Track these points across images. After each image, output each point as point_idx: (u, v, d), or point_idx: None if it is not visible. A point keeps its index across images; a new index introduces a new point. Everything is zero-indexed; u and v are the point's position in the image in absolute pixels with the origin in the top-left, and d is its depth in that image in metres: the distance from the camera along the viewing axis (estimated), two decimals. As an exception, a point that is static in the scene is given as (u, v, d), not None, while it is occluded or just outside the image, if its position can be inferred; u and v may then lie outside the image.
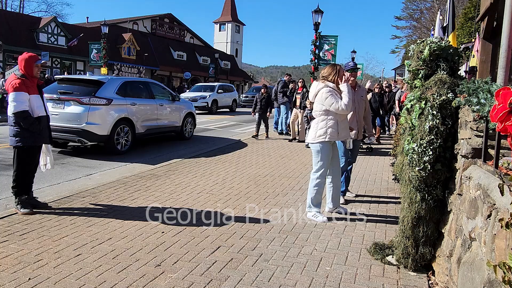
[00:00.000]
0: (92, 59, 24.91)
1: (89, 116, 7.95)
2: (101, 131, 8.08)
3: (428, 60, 3.44)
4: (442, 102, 3.17)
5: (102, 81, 8.53)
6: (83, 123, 7.92)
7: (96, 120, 8.01)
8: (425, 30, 35.32)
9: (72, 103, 8.04)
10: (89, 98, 8.03)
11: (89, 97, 8.05)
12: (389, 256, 3.54)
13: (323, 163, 4.56)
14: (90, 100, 8.02)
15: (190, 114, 11.26)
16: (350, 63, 5.53)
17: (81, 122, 7.92)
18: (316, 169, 4.60)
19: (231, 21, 61.57)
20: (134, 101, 8.97)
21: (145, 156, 8.69)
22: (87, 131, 7.94)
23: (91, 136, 8.02)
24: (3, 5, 40.91)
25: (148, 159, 8.29)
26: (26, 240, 3.76)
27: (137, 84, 9.69)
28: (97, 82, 8.53)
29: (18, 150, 4.53)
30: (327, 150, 4.56)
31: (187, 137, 11.19)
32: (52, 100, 7.97)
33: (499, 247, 1.92)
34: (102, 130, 8.09)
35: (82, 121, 7.92)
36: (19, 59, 4.54)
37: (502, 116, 1.82)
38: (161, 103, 9.94)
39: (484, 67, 5.85)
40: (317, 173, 4.59)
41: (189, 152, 9.13)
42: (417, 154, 3.22)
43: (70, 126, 7.92)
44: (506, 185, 1.86)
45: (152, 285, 3.01)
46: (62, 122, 7.92)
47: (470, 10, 22.01)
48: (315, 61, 16.05)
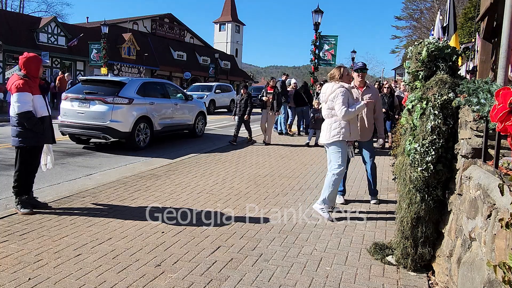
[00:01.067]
0: (92, 59, 24.90)
1: (112, 114, 8.59)
2: (123, 128, 8.70)
3: (427, 61, 3.45)
4: (443, 102, 3.17)
5: (124, 82, 9.17)
6: (107, 120, 8.57)
7: (119, 118, 8.65)
8: (425, 30, 35.32)
9: (97, 102, 8.70)
10: (113, 98, 8.66)
11: (113, 96, 8.68)
12: (389, 256, 3.54)
13: (342, 162, 4.72)
14: (113, 100, 8.65)
15: (202, 113, 11.96)
16: (359, 63, 5.45)
17: (105, 120, 8.57)
18: (337, 167, 4.70)
19: (231, 21, 61.56)
20: (152, 100, 9.62)
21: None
22: (111, 128, 8.58)
23: (115, 133, 8.65)
24: (3, 5, 40.94)
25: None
26: (26, 240, 3.76)
27: (155, 85, 10.38)
28: (119, 83, 9.16)
29: (21, 150, 4.52)
30: (345, 148, 4.74)
31: (198, 134, 11.89)
32: (78, 100, 8.81)
33: (499, 247, 1.92)
34: (124, 127, 8.71)
35: (106, 119, 8.57)
36: (23, 59, 4.51)
37: (502, 116, 1.82)
38: (176, 103, 10.63)
39: (484, 67, 5.85)
40: (337, 170, 4.69)
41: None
42: (419, 154, 3.22)
43: (95, 123, 8.60)
44: (506, 185, 1.86)
45: (152, 285, 3.01)
46: (88, 120, 8.66)
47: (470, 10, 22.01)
48: (315, 61, 16.06)
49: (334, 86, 4.74)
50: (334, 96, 4.66)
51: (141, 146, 9.21)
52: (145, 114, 9.25)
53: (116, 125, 8.61)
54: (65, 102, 9.13)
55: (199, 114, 11.77)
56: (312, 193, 5.75)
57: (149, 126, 9.44)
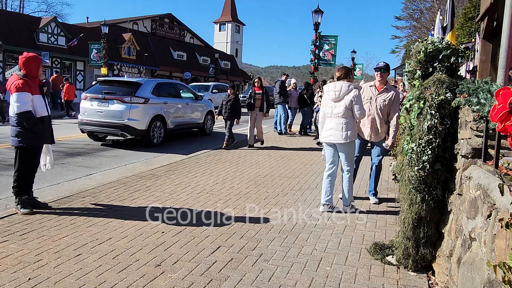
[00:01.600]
0: (92, 59, 24.90)
1: (130, 113, 9.16)
2: (140, 126, 9.29)
3: (423, 61, 3.47)
4: (440, 102, 3.18)
5: (140, 83, 9.74)
6: (125, 119, 9.13)
7: (136, 117, 9.22)
8: (425, 30, 35.30)
9: (116, 101, 9.25)
10: (130, 98, 9.21)
11: (130, 96, 9.23)
12: (389, 256, 3.53)
13: (354, 160, 4.98)
14: (131, 99, 9.20)
15: (210, 112, 12.47)
16: (381, 62, 5.26)
17: (123, 118, 9.13)
18: (351, 165, 4.90)
19: (231, 21, 61.55)
20: (165, 100, 10.20)
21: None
22: (129, 126, 9.15)
23: (132, 130, 9.23)
24: (3, 5, 40.94)
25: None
26: (26, 240, 3.76)
27: (168, 85, 10.97)
28: (135, 83, 9.74)
29: (21, 150, 4.52)
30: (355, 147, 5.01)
31: (207, 133, 12.41)
32: (97, 99, 9.38)
33: (499, 247, 1.92)
34: (141, 125, 9.30)
35: (124, 117, 9.13)
36: (23, 59, 4.51)
37: (502, 116, 1.82)
38: (187, 102, 11.19)
39: (484, 67, 5.85)
40: (352, 169, 4.92)
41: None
42: (416, 153, 3.23)
43: (113, 121, 9.17)
44: (506, 185, 1.86)
45: (152, 285, 3.01)
46: (107, 118, 9.22)
47: (470, 10, 22.00)
48: (315, 61, 16.07)
49: (350, 86, 4.70)
50: (353, 96, 4.63)
51: (155, 143, 9.75)
52: (159, 113, 9.75)
53: (133, 123, 9.18)
54: (84, 102, 9.64)
55: (208, 113, 12.30)
56: (312, 193, 5.75)
57: (163, 124, 9.96)
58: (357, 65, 32.21)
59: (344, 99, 4.67)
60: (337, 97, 4.71)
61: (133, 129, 9.21)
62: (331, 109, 4.79)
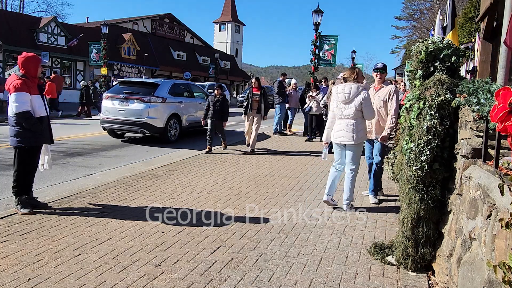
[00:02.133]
0: (92, 59, 24.91)
1: (149, 112, 9.83)
2: (158, 124, 9.95)
3: (425, 61, 3.47)
4: (440, 102, 3.18)
5: (158, 83, 10.46)
6: (144, 117, 9.78)
7: (154, 115, 9.88)
8: (425, 30, 35.30)
9: (136, 101, 9.95)
10: (149, 97, 9.91)
11: (149, 96, 9.93)
12: (389, 256, 3.53)
13: (358, 160, 5.03)
14: (150, 99, 9.90)
15: None
16: (379, 63, 5.43)
17: (143, 116, 9.79)
18: (357, 166, 5.01)
19: (231, 21, 61.53)
20: (180, 99, 10.89)
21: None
22: (148, 124, 9.81)
23: (151, 128, 9.88)
24: (3, 5, 40.93)
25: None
26: (26, 240, 3.76)
27: (182, 86, 11.68)
28: (153, 84, 10.46)
29: (19, 150, 4.52)
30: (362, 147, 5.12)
31: None
32: (118, 99, 10.08)
33: (499, 247, 1.92)
34: (159, 123, 9.97)
35: (144, 115, 9.79)
36: (22, 59, 4.51)
37: (502, 116, 1.82)
38: (199, 101, 11.76)
39: (484, 67, 5.85)
40: (357, 169, 5.03)
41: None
42: (414, 153, 3.23)
43: (134, 119, 9.85)
44: (506, 185, 1.86)
45: (152, 285, 3.01)
46: (127, 116, 9.91)
47: (470, 10, 22.00)
48: (315, 61, 16.05)
49: (359, 87, 4.80)
50: (363, 98, 4.75)
51: (171, 139, 10.40)
52: (175, 111, 10.43)
53: (152, 121, 9.83)
54: (106, 101, 10.34)
55: None
56: (312, 193, 5.75)
57: (178, 122, 10.63)
58: (357, 65, 32.14)
59: (354, 101, 4.77)
60: (346, 99, 4.80)
61: (152, 127, 9.86)
62: (341, 111, 4.88)
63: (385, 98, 5.27)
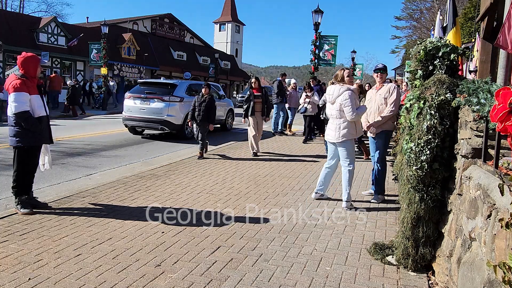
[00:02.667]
0: (92, 59, 24.88)
1: (169, 110, 10.65)
2: (176, 121, 10.74)
3: (424, 60, 3.48)
4: (440, 102, 3.18)
5: (176, 84, 11.30)
6: (164, 115, 10.62)
7: (173, 113, 10.69)
8: (425, 30, 35.30)
9: (156, 100, 10.77)
10: (169, 97, 10.72)
11: (169, 96, 10.75)
12: (389, 256, 3.53)
13: (353, 157, 5.17)
14: (169, 98, 10.71)
15: (231, 110, 13.88)
16: (379, 64, 5.63)
17: (163, 114, 10.62)
18: (349, 163, 5.11)
19: (231, 21, 61.52)
20: None
21: None
22: (167, 121, 10.62)
23: (170, 125, 10.71)
24: (3, 5, 40.90)
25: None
26: (26, 240, 3.75)
27: (197, 86, 11.91)
28: (172, 84, 11.31)
29: (19, 150, 4.51)
30: (353, 145, 5.22)
31: (228, 128, 13.71)
32: (140, 98, 10.96)
33: (499, 247, 1.92)
34: (177, 121, 10.74)
35: (163, 114, 10.63)
36: (21, 59, 4.50)
37: (502, 116, 1.82)
38: None
39: (484, 67, 5.85)
40: (351, 166, 5.12)
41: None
42: (414, 153, 3.23)
43: (154, 117, 10.65)
44: (506, 185, 1.86)
45: (152, 285, 3.01)
46: (148, 114, 10.74)
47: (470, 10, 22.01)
48: (315, 61, 16.04)
49: (342, 88, 5.02)
50: (343, 98, 4.96)
51: (188, 136, 10.91)
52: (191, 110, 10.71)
53: (171, 119, 10.64)
54: (128, 100, 11.15)
55: (229, 111, 13.72)
56: (312, 193, 5.74)
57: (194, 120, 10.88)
58: (357, 65, 32.15)
59: (336, 102, 5.04)
60: (330, 100, 5.16)
61: (171, 124, 10.67)
62: (329, 111, 5.23)
63: (386, 95, 5.38)
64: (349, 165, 5.10)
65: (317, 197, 5.40)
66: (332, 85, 5.20)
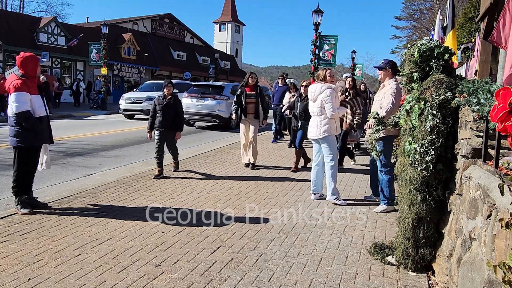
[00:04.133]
0: (92, 59, 24.88)
1: (219, 106, 13.79)
2: (225, 115, 13.70)
3: (419, 62, 3.49)
4: (441, 101, 3.18)
5: (223, 86, 14.69)
6: (216, 110, 13.80)
7: (222, 109, 13.77)
8: (425, 30, 35.27)
9: (209, 98, 13.96)
10: (220, 96, 13.92)
11: (219, 95, 13.95)
12: (389, 256, 3.53)
13: (334, 153, 5.30)
14: (220, 97, 13.88)
15: None
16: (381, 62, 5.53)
17: (215, 110, 13.80)
18: (331, 159, 5.24)
19: (231, 21, 61.55)
20: None
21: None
22: (218, 115, 13.84)
23: (220, 118, 13.86)
24: (3, 5, 40.89)
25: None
26: (26, 240, 3.75)
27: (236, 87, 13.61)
28: (220, 86, 14.71)
29: (19, 150, 4.51)
30: (334, 141, 5.35)
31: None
32: (196, 97, 14.06)
33: (499, 247, 1.92)
34: (225, 115, 13.68)
35: (215, 109, 13.81)
36: (20, 59, 4.50)
37: (502, 116, 1.82)
38: None
39: (484, 67, 5.85)
40: (333, 162, 5.25)
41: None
42: (419, 154, 3.22)
43: (208, 112, 13.89)
44: (506, 185, 1.86)
45: (152, 285, 3.01)
46: (203, 110, 13.91)
47: (470, 10, 21.99)
48: (315, 61, 16.04)
49: (323, 87, 5.23)
50: (325, 96, 5.16)
51: (233, 127, 13.44)
52: None
53: (221, 113, 13.75)
54: (186, 99, 13.87)
55: None
56: (311, 195, 5.74)
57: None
58: (357, 65, 32.16)
59: (318, 99, 5.24)
60: (311, 98, 5.36)
61: (221, 117, 13.79)
62: (311, 108, 5.42)
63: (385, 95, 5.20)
64: (331, 160, 5.24)
65: (317, 198, 5.41)
66: (314, 84, 5.43)
